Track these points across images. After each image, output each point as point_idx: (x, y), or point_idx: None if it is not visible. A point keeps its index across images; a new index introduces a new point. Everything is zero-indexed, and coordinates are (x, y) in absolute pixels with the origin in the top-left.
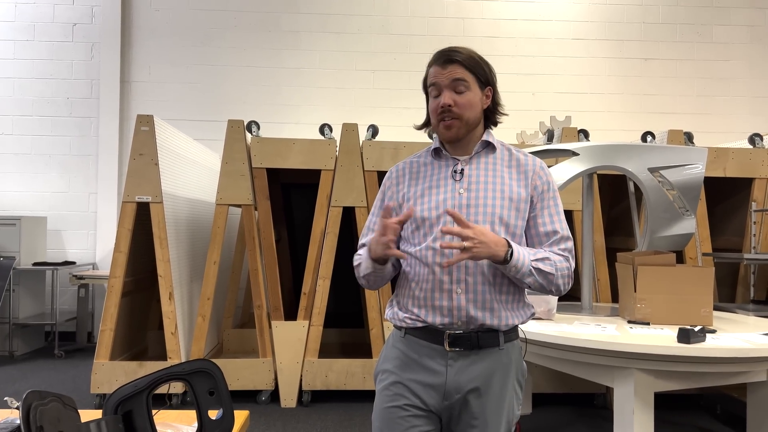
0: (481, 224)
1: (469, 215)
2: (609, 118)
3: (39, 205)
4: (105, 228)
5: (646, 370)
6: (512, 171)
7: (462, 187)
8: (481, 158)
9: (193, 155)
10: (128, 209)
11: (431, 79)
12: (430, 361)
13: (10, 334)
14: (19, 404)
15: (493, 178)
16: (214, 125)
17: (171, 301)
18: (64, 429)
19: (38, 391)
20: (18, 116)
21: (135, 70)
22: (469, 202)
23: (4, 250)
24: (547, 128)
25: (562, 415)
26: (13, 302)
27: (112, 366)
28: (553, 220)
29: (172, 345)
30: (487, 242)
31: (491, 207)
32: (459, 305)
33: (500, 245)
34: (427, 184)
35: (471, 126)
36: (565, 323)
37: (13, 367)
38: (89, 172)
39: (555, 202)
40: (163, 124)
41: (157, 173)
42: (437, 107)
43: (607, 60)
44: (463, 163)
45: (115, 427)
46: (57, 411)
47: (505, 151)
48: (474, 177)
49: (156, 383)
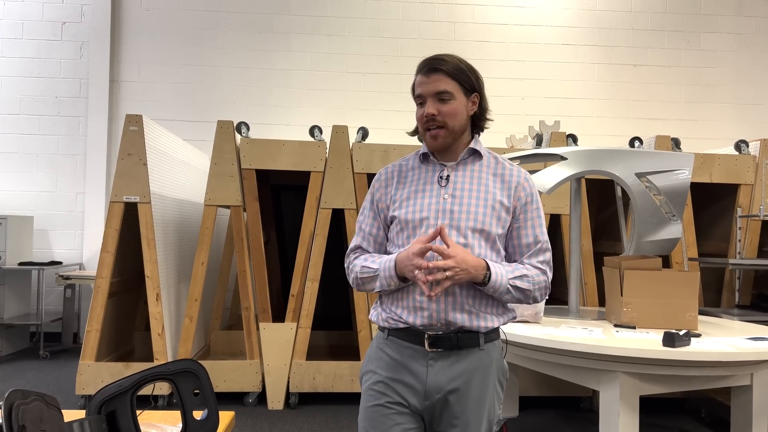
0: (464, 229)
1: (452, 220)
2: (597, 123)
3: (26, 204)
4: (92, 228)
5: (631, 373)
6: (497, 180)
7: (447, 193)
8: (468, 165)
9: (182, 156)
10: (116, 209)
11: (417, 88)
12: (412, 361)
13: None
14: (1, 403)
15: (477, 186)
16: (204, 126)
17: (158, 302)
18: (46, 428)
19: (21, 390)
20: (5, 115)
21: (124, 70)
22: (453, 207)
23: None
24: (536, 132)
25: (549, 418)
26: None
27: (97, 367)
28: (535, 232)
29: (158, 346)
30: (468, 267)
31: (474, 214)
32: (438, 308)
33: (479, 268)
34: (414, 188)
35: (457, 134)
36: (552, 326)
37: None
38: (77, 172)
39: (538, 213)
40: (152, 124)
41: (146, 173)
42: (422, 116)
43: (596, 65)
44: (449, 169)
45: (98, 427)
46: (40, 410)
47: (492, 159)
48: (459, 183)
49: (140, 383)
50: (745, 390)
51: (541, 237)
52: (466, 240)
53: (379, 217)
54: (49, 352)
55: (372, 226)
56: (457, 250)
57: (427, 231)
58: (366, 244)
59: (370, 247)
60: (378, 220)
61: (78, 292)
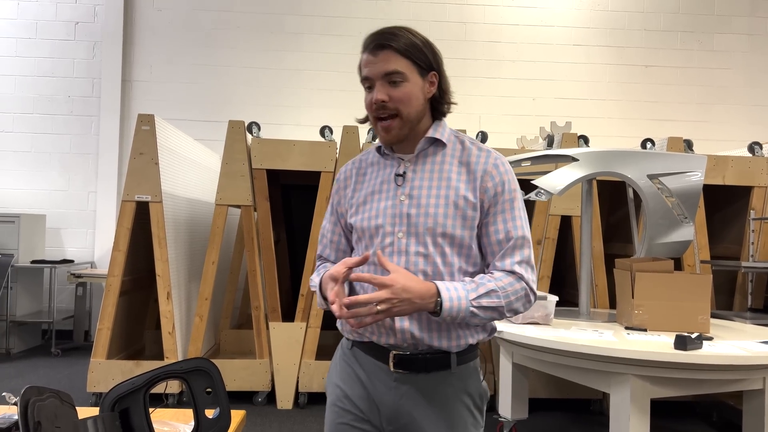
0: (422, 236)
1: (410, 225)
2: (609, 124)
3: (38, 202)
4: (104, 227)
5: (642, 376)
6: (462, 171)
7: (404, 194)
8: (428, 157)
9: (193, 155)
10: (127, 208)
11: (363, 69)
12: (376, 381)
13: (7, 331)
14: (17, 400)
15: (438, 182)
16: (215, 125)
17: (169, 300)
18: (61, 425)
19: (36, 386)
20: (19, 114)
21: (136, 70)
22: (410, 210)
23: (3, 248)
24: (547, 133)
25: (558, 421)
26: (11, 300)
27: (108, 365)
28: (507, 227)
29: (169, 345)
30: (411, 298)
31: (433, 217)
32: (402, 326)
33: (427, 297)
34: (370, 189)
35: (413, 122)
36: (562, 328)
37: (10, 364)
38: (89, 171)
39: (512, 204)
40: (163, 123)
41: (157, 173)
42: (371, 103)
43: (608, 66)
44: (406, 164)
45: (111, 425)
46: (55, 407)
47: (458, 146)
48: (418, 181)
49: (153, 381)
50: (758, 394)
51: (515, 232)
52: (427, 249)
53: (340, 223)
54: (60, 349)
55: (333, 232)
56: (396, 277)
57: (383, 240)
58: (328, 253)
59: (332, 255)
60: (339, 226)
61: (89, 290)
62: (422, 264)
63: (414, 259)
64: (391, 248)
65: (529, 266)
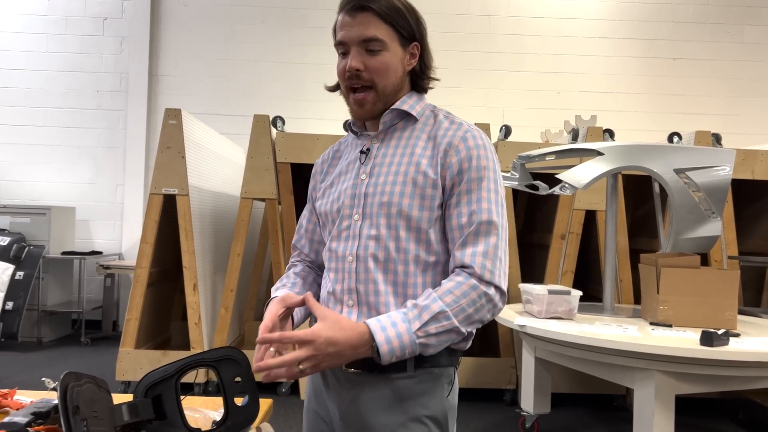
0: (374, 217)
1: (366, 206)
2: (635, 118)
3: (68, 195)
4: (131, 219)
5: (667, 372)
6: (428, 145)
7: (364, 172)
8: (396, 132)
9: (218, 149)
10: (155, 201)
11: (338, 31)
12: (333, 379)
13: (38, 321)
14: (55, 385)
15: (401, 158)
16: (240, 120)
17: (195, 292)
18: (98, 410)
19: (74, 372)
20: (50, 108)
21: (163, 64)
22: (367, 190)
23: (35, 239)
24: (571, 127)
25: (581, 416)
26: (42, 290)
27: (136, 354)
28: (470, 209)
29: (195, 335)
30: (339, 351)
31: (389, 195)
32: (350, 316)
33: (359, 346)
34: (338, 171)
35: (389, 97)
36: (586, 323)
37: (41, 353)
38: (117, 164)
39: (479, 184)
40: (190, 117)
41: (184, 166)
42: (344, 71)
43: (635, 59)
44: (372, 140)
45: (145, 410)
46: (92, 392)
47: (431, 120)
48: (380, 158)
49: (184, 369)
50: None
51: (478, 215)
52: (379, 231)
53: (315, 210)
54: (90, 338)
55: (309, 221)
56: (318, 329)
57: (341, 224)
58: (303, 243)
59: (306, 246)
60: (314, 215)
61: (117, 281)
62: (373, 248)
63: (365, 242)
64: (347, 232)
65: (493, 258)
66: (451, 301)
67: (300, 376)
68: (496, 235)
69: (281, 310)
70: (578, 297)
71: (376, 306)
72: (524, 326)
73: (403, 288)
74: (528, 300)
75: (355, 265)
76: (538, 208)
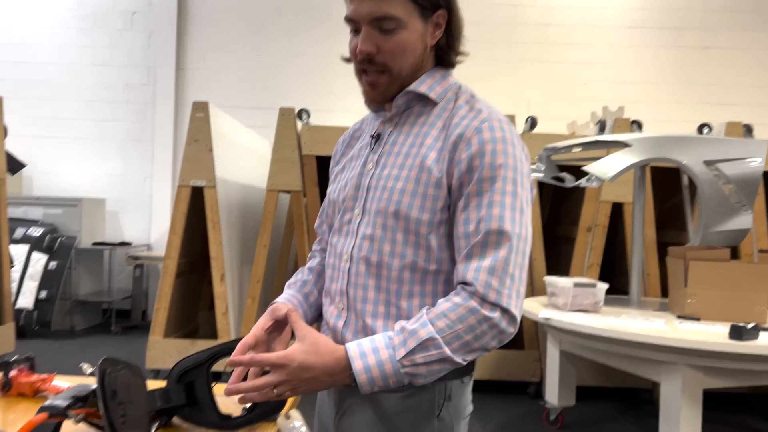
0: (372, 215)
1: (367, 201)
2: (664, 108)
3: (98, 187)
4: (159, 210)
5: (695, 366)
6: (441, 135)
7: (372, 161)
8: (411, 116)
9: (245, 142)
10: (183, 193)
11: (348, 9)
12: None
13: (70, 310)
14: (93, 370)
15: (409, 148)
16: (266, 112)
17: (222, 282)
18: (133, 395)
19: (111, 358)
20: (80, 102)
21: (190, 57)
22: (370, 182)
23: (66, 230)
24: (598, 118)
25: (606, 409)
26: (74, 280)
27: (165, 343)
28: (479, 215)
29: (222, 325)
30: (315, 377)
31: (389, 192)
32: (335, 326)
33: (336, 373)
34: (351, 154)
35: (406, 79)
36: (612, 316)
37: (74, 341)
38: (145, 157)
39: (491, 185)
40: (217, 110)
41: (211, 159)
42: (355, 51)
43: (664, 48)
44: (386, 124)
45: (177, 396)
46: (128, 378)
47: (451, 104)
48: (389, 146)
49: (216, 356)
50: None
51: (487, 223)
52: (374, 231)
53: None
54: (120, 327)
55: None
56: (293, 353)
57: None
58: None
59: (327, 232)
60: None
61: (146, 271)
62: (366, 249)
63: (360, 242)
64: (348, 227)
65: (502, 276)
66: (444, 326)
67: (278, 399)
68: (507, 247)
69: (269, 323)
70: (604, 290)
71: (362, 315)
72: (549, 319)
73: (396, 297)
74: (553, 293)
75: (349, 266)
76: (563, 200)
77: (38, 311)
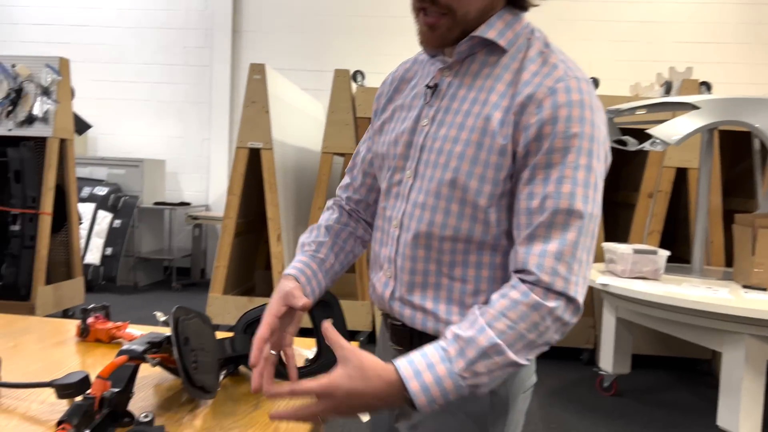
0: (428, 180)
1: (420, 162)
2: (735, 70)
3: (158, 148)
4: (217, 172)
5: (759, 336)
6: (507, 93)
7: (427, 115)
8: (475, 64)
9: (300, 104)
10: (241, 154)
11: None
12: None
13: (133, 266)
14: (166, 318)
15: (471, 105)
16: (321, 75)
17: (279, 242)
18: (204, 342)
19: (184, 307)
20: (141, 65)
21: (246, 20)
22: (425, 141)
23: (129, 190)
24: (664, 80)
25: (662, 378)
26: (136, 238)
27: (224, 300)
28: (546, 190)
29: None
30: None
31: (446, 156)
32: (383, 295)
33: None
34: (401, 102)
35: (471, 22)
36: (673, 284)
37: (137, 296)
38: (203, 119)
39: (564, 157)
40: (273, 73)
41: (268, 121)
42: None
43: (737, 5)
44: (444, 72)
45: (243, 345)
46: (199, 326)
47: (521, 53)
48: (447, 100)
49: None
50: None
51: (555, 200)
52: (426, 199)
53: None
54: (180, 284)
55: (369, 149)
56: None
57: (392, 177)
58: (355, 173)
59: (358, 178)
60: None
61: (204, 231)
62: (417, 219)
63: (410, 209)
64: (398, 189)
65: (569, 261)
66: (505, 327)
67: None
68: (577, 229)
69: (282, 308)
70: (665, 257)
71: (411, 286)
72: (607, 285)
73: (449, 269)
74: (611, 259)
75: (398, 234)
76: (624, 165)
77: (104, 267)
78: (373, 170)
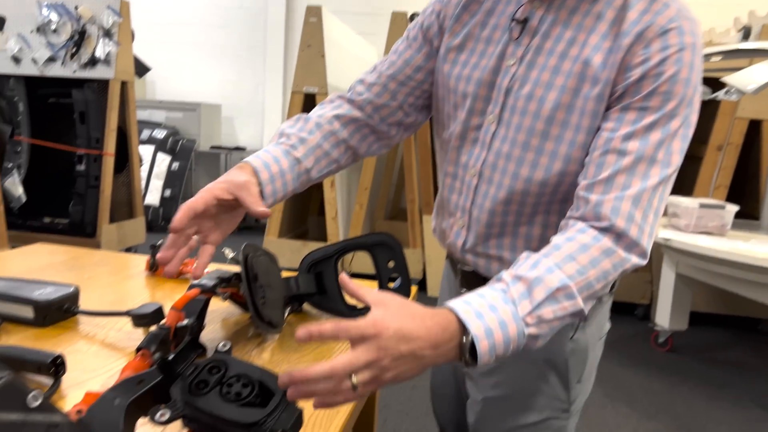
0: (514, 129)
1: (506, 108)
2: None
3: (214, 93)
4: (271, 117)
5: None
6: (609, 33)
7: (515, 55)
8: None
9: (355, 49)
10: (296, 99)
11: None
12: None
13: None
14: (234, 255)
15: (567, 46)
16: (376, 19)
17: (333, 188)
18: (271, 280)
19: (253, 245)
20: (195, 8)
21: None
22: (512, 84)
23: (186, 133)
24: (743, 25)
25: (720, 337)
26: (194, 181)
27: (279, 243)
28: (630, 130)
29: (332, 229)
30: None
31: (538, 103)
32: (455, 244)
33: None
34: (477, 31)
35: None
36: (739, 240)
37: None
38: (257, 63)
39: (663, 105)
40: (329, 16)
41: (324, 65)
42: None
43: None
44: (534, 5)
45: (307, 284)
46: (266, 264)
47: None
48: (539, 38)
49: (343, 251)
50: None
51: (643, 146)
52: (511, 149)
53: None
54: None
55: (406, 62)
56: (383, 316)
57: (469, 120)
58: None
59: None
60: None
61: None
62: (500, 171)
63: (494, 159)
64: (476, 134)
65: (646, 209)
66: (575, 272)
67: (344, 402)
68: (658, 177)
69: (228, 197)
70: (733, 212)
71: (487, 238)
72: (669, 240)
73: (529, 217)
74: (675, 213)
75: (476, 183)
76: None
77: (163, 208)
78: (405, 90)
